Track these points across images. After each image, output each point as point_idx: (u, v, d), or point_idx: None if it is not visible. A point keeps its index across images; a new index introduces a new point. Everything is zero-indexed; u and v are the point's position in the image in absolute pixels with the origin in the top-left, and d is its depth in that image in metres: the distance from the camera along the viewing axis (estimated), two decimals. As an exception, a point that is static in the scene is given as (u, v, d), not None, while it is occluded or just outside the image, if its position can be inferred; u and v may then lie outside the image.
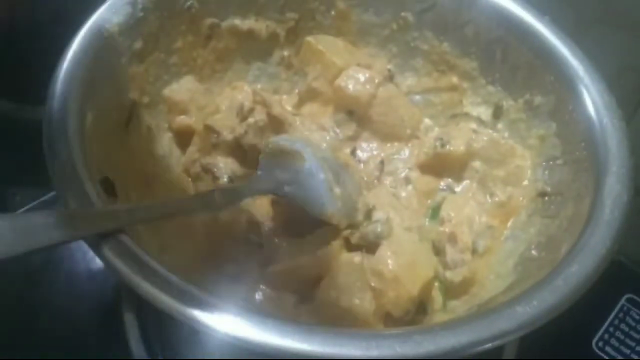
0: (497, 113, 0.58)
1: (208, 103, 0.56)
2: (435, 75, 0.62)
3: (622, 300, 0.64)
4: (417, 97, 0.63)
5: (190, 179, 0.54)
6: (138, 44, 0.51)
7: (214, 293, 0.35)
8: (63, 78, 0.44)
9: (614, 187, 0.43)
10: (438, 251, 0.51)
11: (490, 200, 0.54)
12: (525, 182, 0.53)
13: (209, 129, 0.53)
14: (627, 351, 0.61)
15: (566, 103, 0.50)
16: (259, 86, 0.62)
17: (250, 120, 0.53)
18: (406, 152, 0.59)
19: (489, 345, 0.34)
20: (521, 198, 0.53)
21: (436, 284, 0.49)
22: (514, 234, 0.51)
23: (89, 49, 0.46)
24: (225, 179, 0.52)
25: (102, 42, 0.47)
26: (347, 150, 0.59)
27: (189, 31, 0.56)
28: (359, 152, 0.59)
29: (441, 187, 0.57)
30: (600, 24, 0.59)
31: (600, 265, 0.39)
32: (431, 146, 0.56)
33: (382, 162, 0.58)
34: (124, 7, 0.50)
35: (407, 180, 0.57)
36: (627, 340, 0.61)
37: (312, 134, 0.58)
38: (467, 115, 0.60)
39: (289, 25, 0.62)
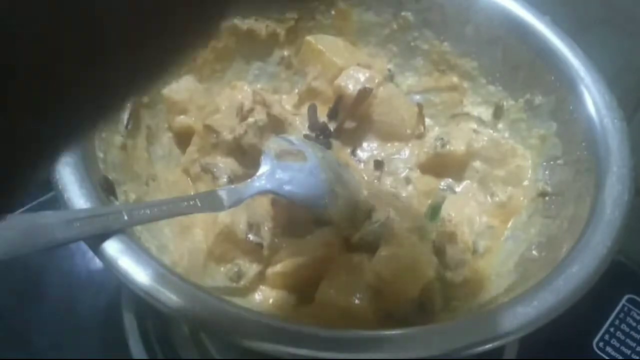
0: (498, 113, 0.58)
1: (208, 103, 0.56)
2: (436, 75, 0.62)
3: (623, 301, 0.64)
4: (418, 97, 0.62)
5: (190, 179, 0.54)
6: (138, 44, 0.51)
7: (214, 293, 0.35)
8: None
9: (615, 187, 0.43)
10: (438, 251, 0.51)
11: (490, 200, 0.54)
12: (526, 182, 0.53)
13: (209, 129, 0.53)
14: (628, 351, 0.61)
15: (567, 103, 0.50)
16: (258, 86, 0.61)
17: (250, 120, 0.53)
18: (406, 152, 0.59)
19: (489, 346, 0.34)
20: (522, 198, 0.53)
21: (436, 284, 0.48)
22: (515, 234, 0.51)
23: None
24: (224, 179, 0.52)
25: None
26: (347, 150, 0.59)
27: (189, 31, 0.56)
28: (359, 152, 0.59)
29: (441, 187, 0.57)
30: (601, 24, 0.58)
31: (601, 266, 0.39)
32: (431, 146, 0.56)
33: (382, 162, 0.58)
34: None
35: (407, 180, 0.57)
36: (628, 341, 0.61)
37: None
38: (467, 115, 0.60)
39: (289, 24, 0.62)
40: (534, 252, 0.47)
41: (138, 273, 0.35)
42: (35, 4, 0.14)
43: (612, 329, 0.62)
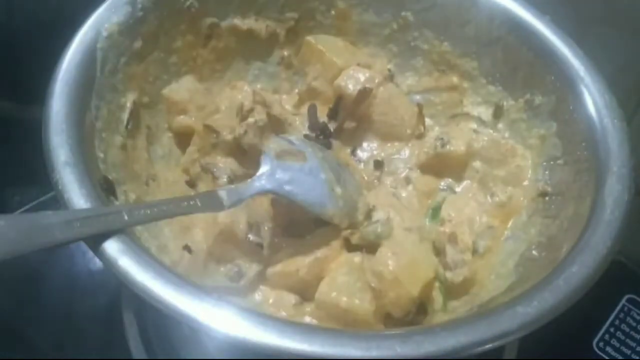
0: (498, 113, 0.58)
1: (208, 103, 0.56)
2: (436, 74, 0.62)
3: (623, 301, 0.64)
4: (418, 97, 0.62)
5: (190, 179, 0.54)
6: (138, 44, 0.51)
7: (214, 293, 0.35)
8: (62, 78, 0.44)
9: (615, 187, 0.43)
10: (438, 251, 0.51)
11: (490, 201, 0.54)
12: (526, 182, 0.53)
13: (209, 129, 0.53)
14: (628, 351, 0.61)
15: (567, 103, 0.50)
16: (258, 86, 0.61)
17: (250, 120, 0.53)
18: (406, 152, 0.59)
19: (489, 346, 0.34)
20: (522, 198, 0.53)
21: (436, 284, 0.48)
22: (515, 234, 0.51)
23: (89, 49, 0.46)
24: (224, 179, 0.52)
25: (101, 41, 0.47)
26: (347, 150, 0.59)
27: (189, 31, 0.56)
28: (359, 152, 0.59)
29: (441, 187, 0.57)
30: (601, 24, 0.59)
31: (601, 266, 0.39)
32: (431, 146, 0.56)
33: (382, 162, 0.58)
34: (123, 7, 0.50)
35: (408, 180, 0.57)
36: (628, 341, 0.61)
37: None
38: (467, 115, 0.60)
39: (289, 25, 0.62)
40: (534, 252, 0.47)
41: (138, 273, 0.35)
42: None
43: (612, 329, 0.62)
